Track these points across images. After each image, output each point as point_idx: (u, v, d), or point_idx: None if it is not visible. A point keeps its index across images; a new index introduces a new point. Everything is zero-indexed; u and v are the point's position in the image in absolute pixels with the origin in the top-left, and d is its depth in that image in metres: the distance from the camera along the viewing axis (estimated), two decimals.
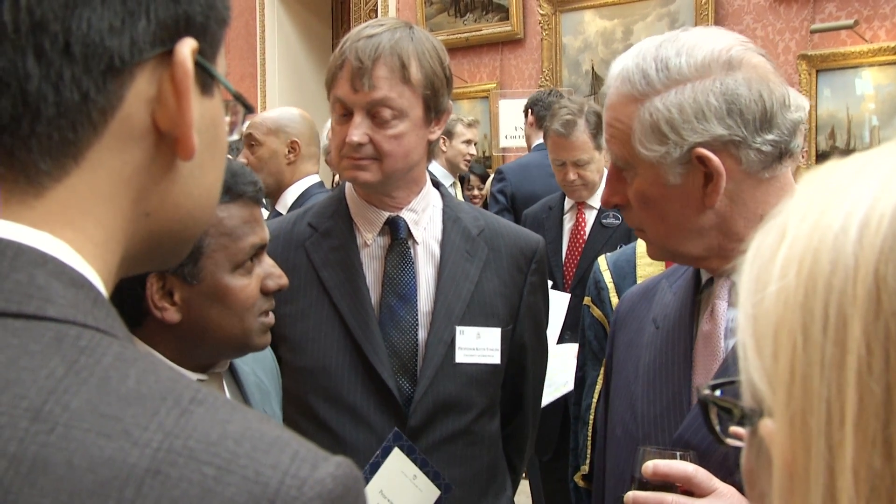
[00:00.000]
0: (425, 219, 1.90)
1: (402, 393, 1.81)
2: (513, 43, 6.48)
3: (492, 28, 6.53)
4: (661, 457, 1.24)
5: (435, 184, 1.97)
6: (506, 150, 6.15)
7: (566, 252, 3.49)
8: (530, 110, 4.66)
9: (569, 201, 3.52)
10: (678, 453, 1.24)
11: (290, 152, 3.35)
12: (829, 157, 0.64)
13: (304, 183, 3.37)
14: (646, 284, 1.63)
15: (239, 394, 1.56)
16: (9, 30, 0.59)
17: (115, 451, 0.54)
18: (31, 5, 0.59)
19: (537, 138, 4.40)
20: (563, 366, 2.98)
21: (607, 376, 1.62)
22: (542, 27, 6.26)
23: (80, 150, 0.63)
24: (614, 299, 2.04)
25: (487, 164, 6.46)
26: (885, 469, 0.51)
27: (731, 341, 1.34)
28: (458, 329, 1.84)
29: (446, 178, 5.17)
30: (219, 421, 0.57)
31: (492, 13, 6.53)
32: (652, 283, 1.60)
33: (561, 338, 3.19)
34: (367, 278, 1.86)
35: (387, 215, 1.87)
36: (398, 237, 1.87)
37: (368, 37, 1.76)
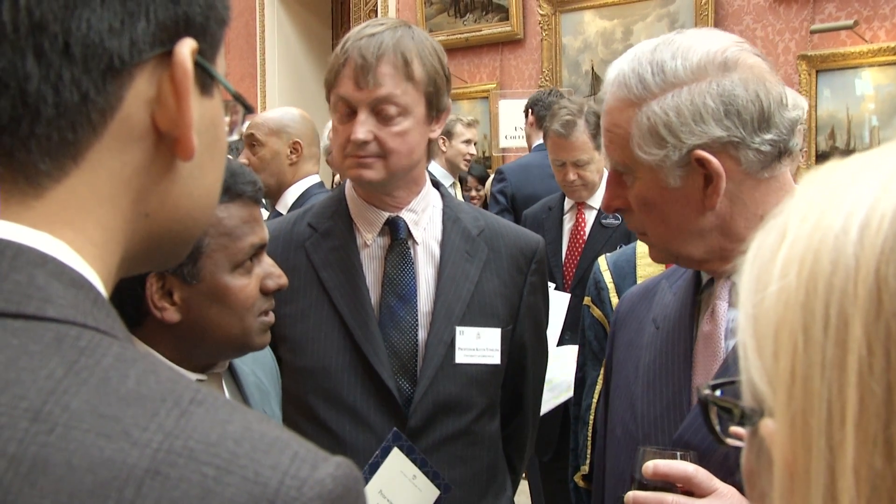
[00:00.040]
0: (425, 219, 1.90)
1: (401, 393, 1.81)
2: (513, 43, 6.48)
3: (492, 28, 6.53)
4: (661, 457, 1.24)
5: (435, 184, 1.97)
6: (505, 150, 6.15)
7: (566, 252, 3.48)
8: (530, 110, 4.66)
9: (568, 201, 3.52)
10: (678, 453, 1.24)
11: (292, 153, 3.35)
12: (828, 158, 0.64)
13: (304, 183, 3.37)
14: (646, 285, 1.63)
15: (238, 394, 1.56)
16: (8, 30, 0.59)
17: (115, 452, 0.54)
18: (30, 6, 0.59)
19: (538, 138, 4.39)
20: (564, 369, 2.97)
21: (607, 376, 1.62)
22: (541, 27, 6.26)
23: (80, 150, 0.63)
24: (614, 299, 2.04)
25: (487, 164, 6.46)
26: (886, 469, 0.51)
27: (732, 342, 1.34)
28: (458, 329, 1.84)
29: (446, 179, 5.16)
30: (219, 421, 0.57)
31: (492, 13, 6.53)
32: (652, 284, 1.60)
33: (561, 338, 3.18)
34: (366, 279, 1.86)
35: (387, 215, 1.87)
36: (398, 237, 1.87)
37: (370, 35, 1.77)
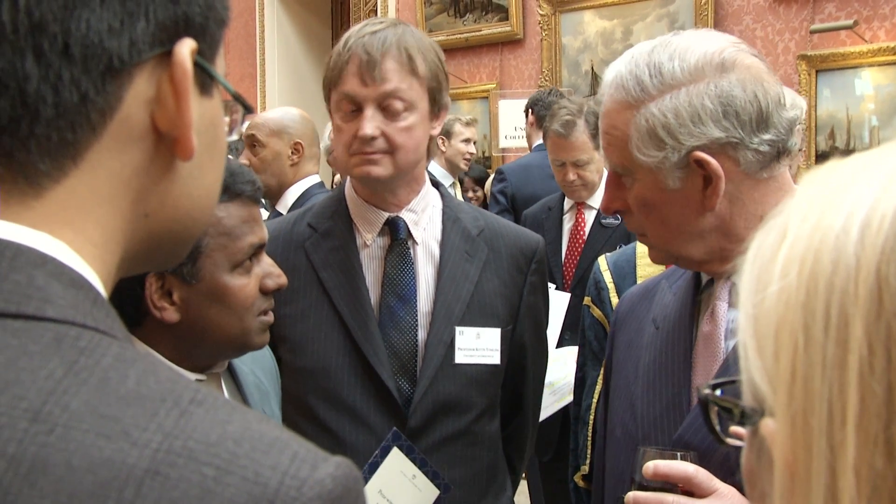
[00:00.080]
0: (425, 219, 1.90)
1: (401, 394, 1.81)
2: (512, 43, 6.48)
3: (491, 28, 6.53)
4: (661, 457, 1.23)
5: (434, 184, 1.97)
6: (505, 150, 6.15)
7: (566, 252, 3.48)
8: (531, 110, 4.65)
9: (568, 201, 3.52)
10: (678, 454, 1.24)
11: (293, 153, 3.34)
12: (828, 158, 0.64)
13: (304, 183, 3.36)
14: (646, 285, 1.63)
15: (238, 394, 1.56)
16: (8, 31, 0.59)
17: (115, 452, 0.54)
18: (29, 6, 0.59)
19: (538, 138, 4.39)
20: (566, 371, 2.96)
21: (607, 377, 1.62)
22: (541, 27, 6.26)
23: (79, 151, 0.63)
24: (614, 299, 2.04)
25: (487, 164, 6.46)
26: (887, 469, 0.51)
27: (732, 342, 1.34)
28: (458, 329, 1.84)
29: (446, 179, 5.16)
30: (218, 421, 0.57)
31: (491, 13, 6.53)
32: (652, 284, 1.60)
33: (561, 338, 3.18)
34: (366, 279, 1.85)
35: (386, 216, 1.87)
36: (398, 237, 1.87)
37: (372, 32, 1.77)
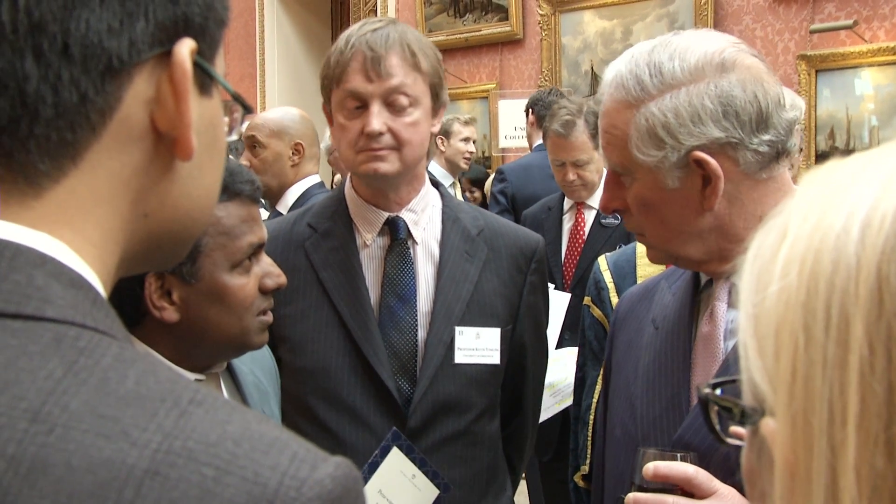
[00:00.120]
0: (425, 219, 1.90)
1: (401, 394, 1.81)
2: (512, 43, 6.49)
3: (491, 28, 6.53)
4: (661, 458, 1.23)
5: (434, 184, 1.97)
6: (505, 150, 6.15)
7: (565, 252, 3.48)
8: (531, 110, 4.64)
9: (568, 201, 3.52)
10: (678, 455, 1.24)
11: (294, 154, 3.34)
12: (828, 158, 0.64)
13: (304, 183, 3.36)
14: (645, 285, 1.63)
15: (237, 394, 1.56)
16: (7, 31, 0.59)
17: (114, 452, 0.54)
18: (29, 6, 0.59)
19: (538, 138, 4.38)
20: (566, 372, 2.95)
21: (606, 377, 1.61)
22: (541, 27, 6.26)
23: (79, 151, 0.63)
24: (614, 299, 2.04)
25: (487, 164, 6.46)
26: (888, 469, 0.51)
27: (731, 342, 1.34)
28: (458, 329, 1.84)
29: (446, 179, 5.16)
30: (218, 422, 0.57)
31: (491, 13, 6.53)
32: (651, 284, 1.60)
33: (560, 338, 3.18)
34: (366, 279, 1.85)
35: (386, 215, 1.87)
36: (398, 237, 1.87)
37: (374, 30, 1.78)
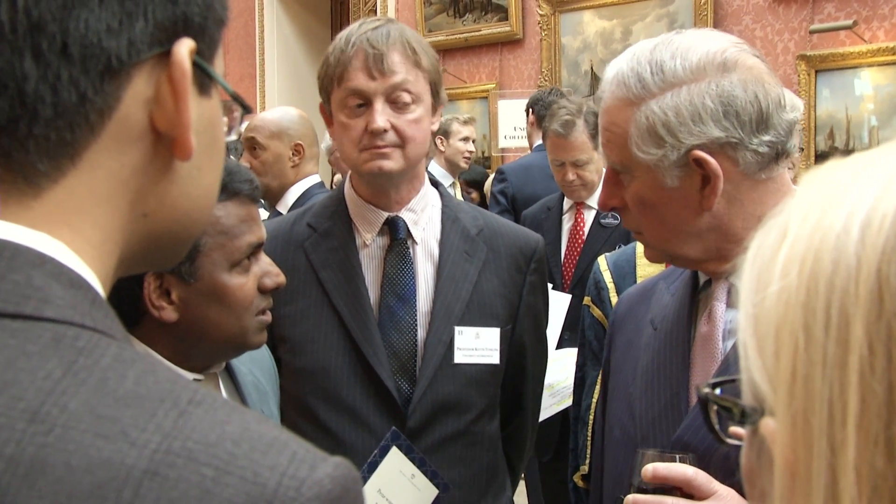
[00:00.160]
0: (424, 219, 1.90)
1: (401, 394, 1.81)
2: (512, 43, 6.49)
3: (491, 28, 6.53)
4: (660, 459, 1.23)
5: (434, 183, 1.97)
6: (505, 150, 6.15)
7: (565, 252, 3.48)
8: (531, 110, 4.64)
9: (567, 201, 3.52)
10: (677, 456, 1.24)
11: (294, 155, 3.34)
12: (827, 158, 0.64)
13: (305, 183, 3.36)
14: (644, 285, 1.63)
15: (236, 394, 1.56)
16: (6, 30, 0.59)
17: (113, 453, 0.54)
18: (28, 6, 0.59)
19: (538, 138, 4.38)
20: (565, 373, 2.95)
21: (605, 377, 1.61)
22: (541, 27, 6.26)
23: (78, 151, 0.63)
24: (614, 299, 2.04)
25: (486, 164, 6.46)
26: (888, 469, 0.51)
27: (730, 343, 1.34)
28: (457, 329, 1.84)
29: (445, 178, 5.16)
30: (217, 422, 0.57)
31: (491, 13, 6.53)
32: (650, 284, 1.59)
33: (560, 338, 3.18)
34: (366, 279, 1.85)
35: (386, 215, 1.87)
36: (397, 237, 1.87)
37: (374, 28, 1.78)
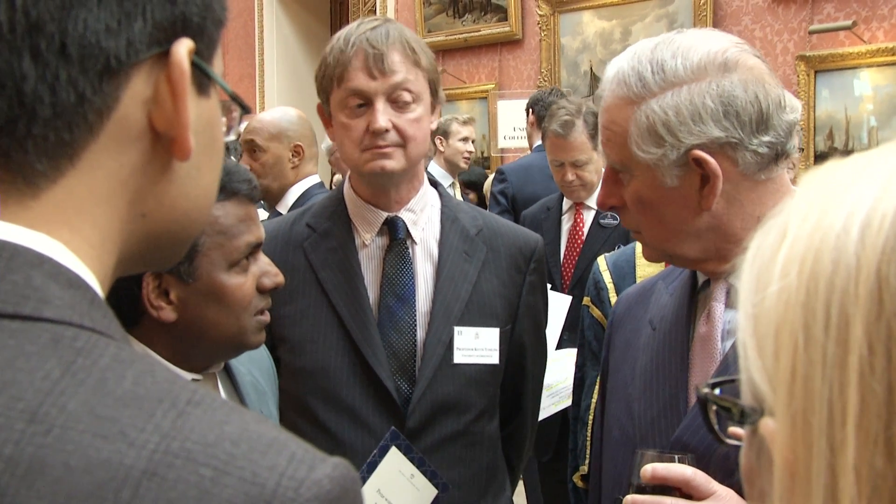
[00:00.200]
0: (424, 219, 1.90)
1: (400, 394, 1.81)
2: (511, 44, 6.49)
3: (490, 29, 6.53)
4: (659, 460, 1.23)
5: (433, 183, 1.97)
6: (504, 150, 6.15)
7: (564, 253, 3.48)
8: (531, 110, 4.64)
9: (567, 202, 3.52)
10: (676, 456, 1.24)
11: (293, 156, 3.34)
12: (827, 159, 0.64)
13: (304, 184, 3.36)
14: (642, 285, 1.63)
15: (235, 394, 1.55)
16: (4, 30, 0.59)
17: (112, 453, 0.54)
18: (26, 6, 0.59)
19: (538, 138, 4.38)
20: (565, 374, 2.95)
21: (603, 378, 1.61)
22: (540, 28, 6.27)
23: (77, 151, 0.63)
24: (614, 299, 2.04)
25: (486, 164, 6.46)
26: (887, 469, 0.51)
27: (729, 343, 1.34)
28: (457, 329, 1.84)
29: (445, 179, 5.16)
30: (216, 422, 0.57)
31: (490, 14, 6.54)
32: (649, 284, 1.59)
33: (560, 338, 3.18)
34: (365, 279, 1.85)
35: (385, 215, 1.87)
36: (397, 237, 1.87)
37: (372, 28, 1.78)
